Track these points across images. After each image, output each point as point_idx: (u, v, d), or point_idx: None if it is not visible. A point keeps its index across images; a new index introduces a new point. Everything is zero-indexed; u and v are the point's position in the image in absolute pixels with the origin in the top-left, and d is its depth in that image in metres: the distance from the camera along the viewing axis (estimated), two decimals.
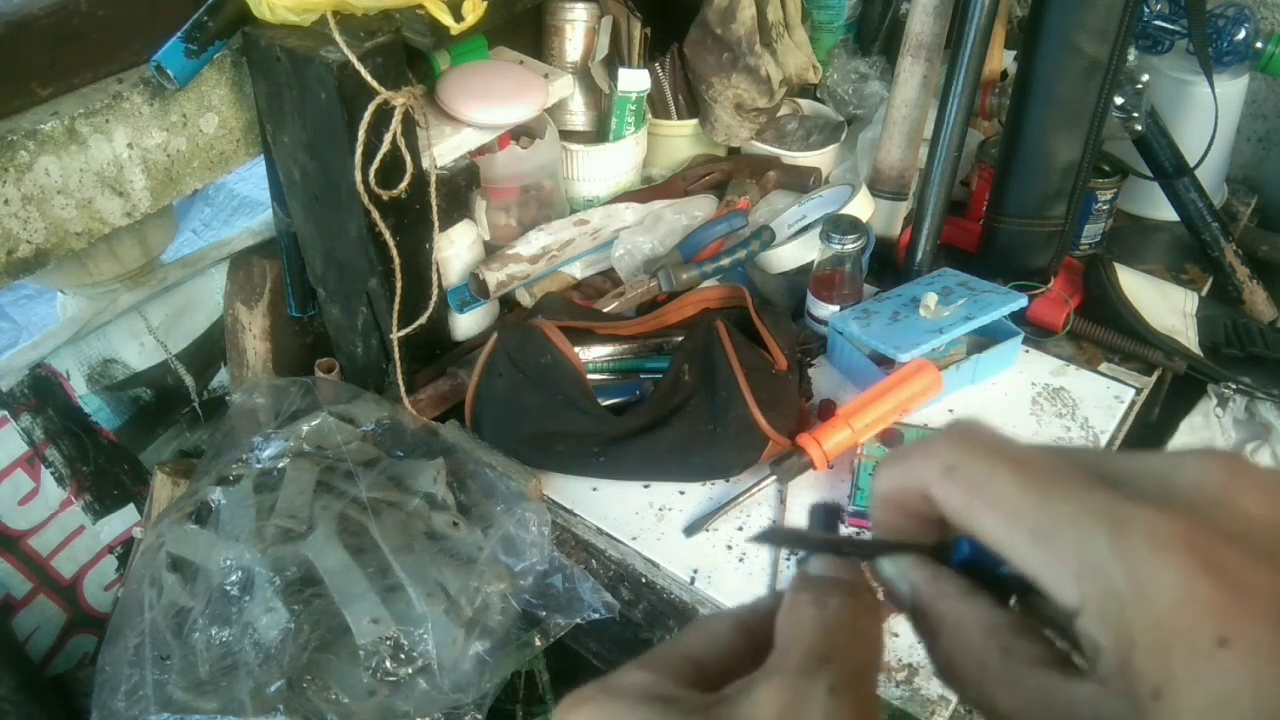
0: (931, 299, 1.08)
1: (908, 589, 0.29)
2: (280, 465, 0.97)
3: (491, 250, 1.15)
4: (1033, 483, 0.25)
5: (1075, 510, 0.24)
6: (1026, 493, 0.25)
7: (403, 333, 1.03)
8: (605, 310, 1.13)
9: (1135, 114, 1.17)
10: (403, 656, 0.84)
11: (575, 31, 1.21)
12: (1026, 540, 0.25)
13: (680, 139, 1.33)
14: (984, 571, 0.28)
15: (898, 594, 0.29)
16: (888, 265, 1.24)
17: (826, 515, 0.31)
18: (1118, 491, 0.25)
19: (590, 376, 1.01)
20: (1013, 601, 0.28)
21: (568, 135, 1.24)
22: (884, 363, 1.06)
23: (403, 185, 0.94)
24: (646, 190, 1.29)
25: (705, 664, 0.28)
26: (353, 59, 0.86)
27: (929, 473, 0.27)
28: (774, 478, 0.97)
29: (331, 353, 1.17)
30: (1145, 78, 1.16)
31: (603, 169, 1.25)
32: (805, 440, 0.96)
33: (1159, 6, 1.25)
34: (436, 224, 1.01)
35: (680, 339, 1.07)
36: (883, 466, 0.29)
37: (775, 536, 0.32)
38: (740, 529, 0.95)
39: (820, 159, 1.34)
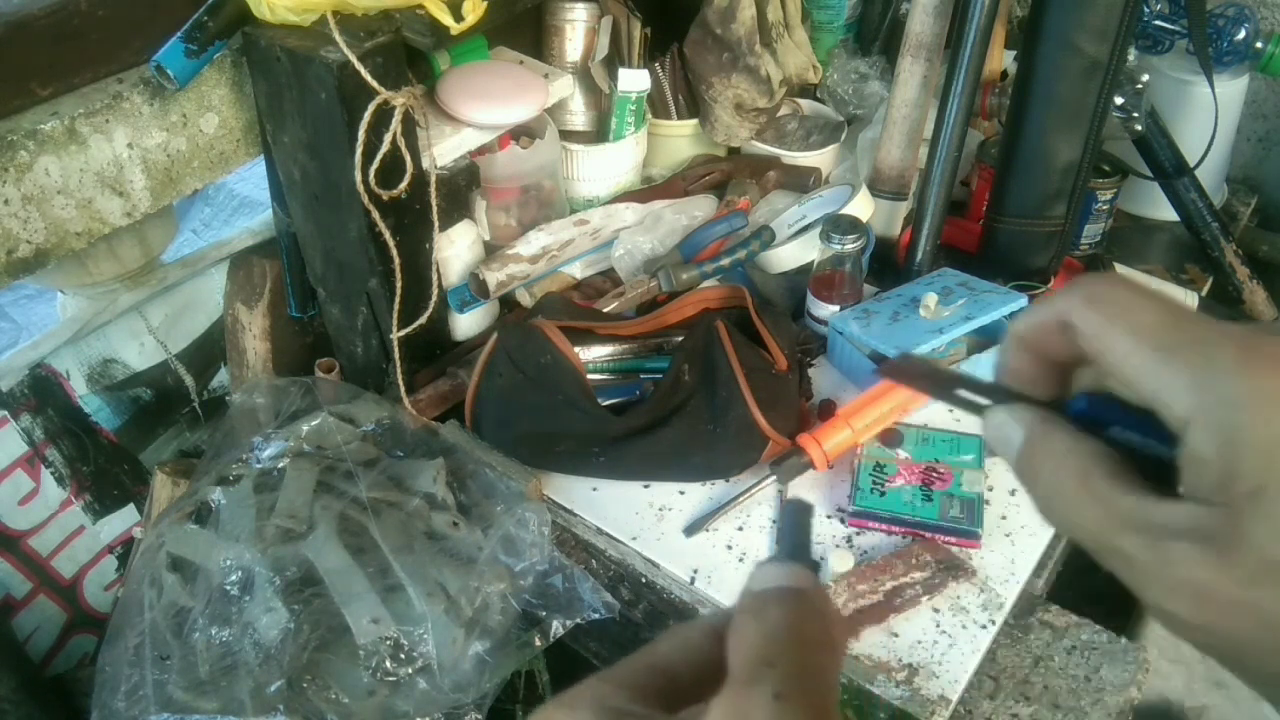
0: (931, 299, 1.08)
1: (1022, 430, 0.30)
2: (280, 465, 0.97)
3: (491, 250, 1.15)
4: (1170, 311, 0.27)
5: (1206, 332, 0.26)
6: (1163, 317, 0.27)
7: (403, 333, 1.03)
8: (605, 310, 1.13)
9: (1135, 114, 1.17)
10: (403, 656, 0.84)
11: (575, 31, 1.21)
12: (1153, 354, 0.26)
13: (680, 139, 1.33)
14: (1093, 429, 0.29)
15: (1006, 437, 0.30)
16: (888, 265, 1.24)
17: (798, 517, 0.31)
18: (1251, 329, 0.26)
19: (590, 376, 1.01)
20: None
21: (568, 135, 1.24)
22: (884, 363, 1.06)
23: (403, 185, 0.94)
24: (646, 190, 1.29)
25: (675, 672, 0.28)
26: (353, 59, 0.86)
27: (1074, 300, 0.29)
28: (774, 478, 0.97)
29: (331, 353, 1.17)
30: (1145, 78, 1.16)
31: (603, 169, 1.25)
32: (805, 440, 0.96)
33: (1159, 6, 1.25)
34: (436, 224, 1.01)
35: (680, 339, 1.07)
36: (1023, 312, 0.31)
37: (897, 371, 0.34)
38: (740, 529, 0.95)
39: (820, 159, 1.34)
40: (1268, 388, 0.24)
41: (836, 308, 1.12)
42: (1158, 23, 1.26)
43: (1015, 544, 0.93)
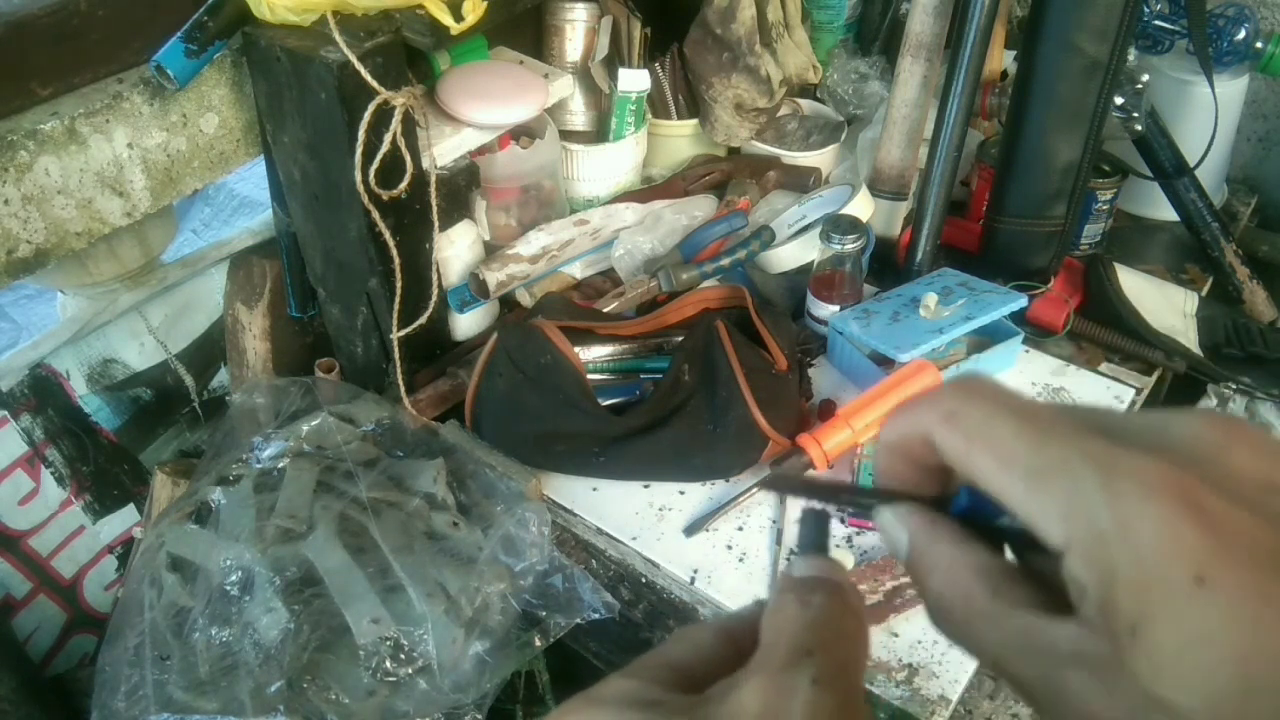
0: (931, 299, 1.08)
1: (906, 534, 0.29)
2: (280, 465, 0.97)
3: (491, 250, 1.15)
4: (1029, 429, 0.26)
5: (1068, 454, 0.25)
6: (1023, 438, 0.26)
7: (403, 333, 1.03)
8: (605, 310, 1.13)
9: (1135, 114, 1.17)
10: (403, 656, 0.84)
11: (575, 31, 1.21)
12: (1020, 482, 0.26)
13: (680, 139, 1.33)
14: (980, 523, 0.29)
15: (895, 540, 0.30)
16: (888, 265, 1.24)
17: (818, 521, 0.31)
18: (1112, 440, 0.25)
19: (590, 376, 1.01)
20: (1008, 555, 0.29)
21: (568, 135, 1.24)
22: (884, 363, 1.06)
23: (403, 185, 0.94)
24: (646, 190, 1.29)
25: (690, 670, 0.28)
26: (353, 59, 0.86)
27: (932, 419, 0.28)
28: None
29: (331, 353, 1.17)
30: (1145, 78, 1.16)
31: (603, 169, 1.25)
32: (805, 440, 0.96)
33: (1159, 6, 1.25)
34: (436, 224, 1.01)
35: (680, 339, 1.07)
36: (890, 417, 0.30)
37: (780, 483, 0.34)
38: (740, 529, 0.95)
39: (820, 159, 1.34)
40: (1132, 521, 0.24)
41: (836, 308, 1.12)
42: (1158, 23, 1.26)
43: None
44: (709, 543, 0.94)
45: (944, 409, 0.28)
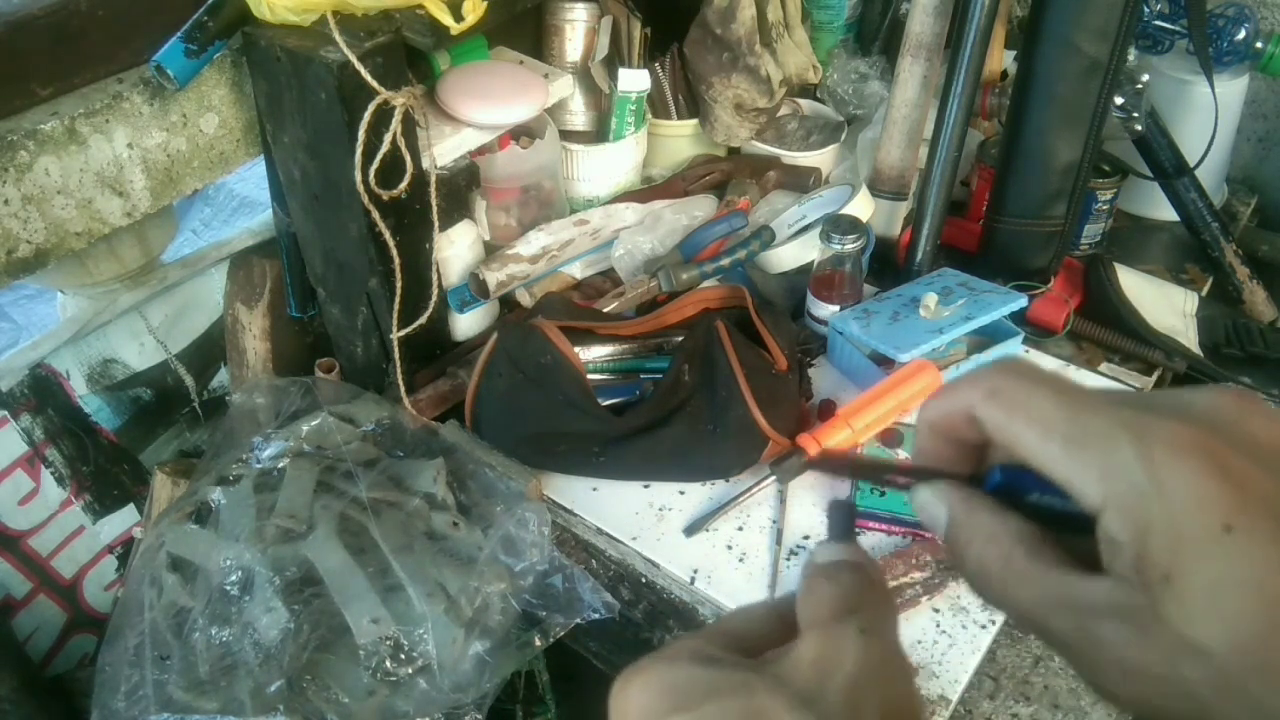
0: (931, 299, 1.08)
1: (945, 509, 0.32)
2: (280, 465, 0.97)
3: (491, 250, 1.15)
4: (1067, 401, 0.29)
5: (1104, 422, 0.28)
6: (1061, 409, 0.29)
7: (403, 333, 1.03)
8: (605, 310, 1.13)
9: (1135, 114, 1.17)
10: (403, 656, 0.84)
11: (575, 31, 1.21)
12: (1059, 447, 0.28)
13: (680, 139, 1.33)
14: (1013, 499, 0.31)
15: (933, 515, 0.32)
16: (888, 265, 1.24)
17: (844, 513, 0.34)
18: (1142, 410, 0.28)
19: (590, 376, 1.01)
20: None
21: (568, 135, 1.24)
22: (884, 363, 1.06)
23: (403, 185, 0.94)
24: (646, 190, 1.29)
25: (746, 639, 0.31)
26: (353, 59, 0.86)
27: (975, 396, 0.31)
28: (774, 478, 0.97)
29: (331, 353, 1.17)
30: (1145, 78, 1.16)
31: (603, 169, 1.25)
32: (805, 440, 0.96)
33: (1159, 6, 1.25)
34: (436, 224, 1.01)
35: (680, 339, 1.07)
36: (931, 398, 0.32)
37: (826, 462, 0.37)
38: (740, 529, 0.95)
39: (820, 159, 1.34)
40: (1165, 478, 0.26)
41: (836, 308, 1.12)
42: (1158, 23, 1.26)
43: None
44: (709, 543, 0.94)
45: (987, 386, 0.30)
